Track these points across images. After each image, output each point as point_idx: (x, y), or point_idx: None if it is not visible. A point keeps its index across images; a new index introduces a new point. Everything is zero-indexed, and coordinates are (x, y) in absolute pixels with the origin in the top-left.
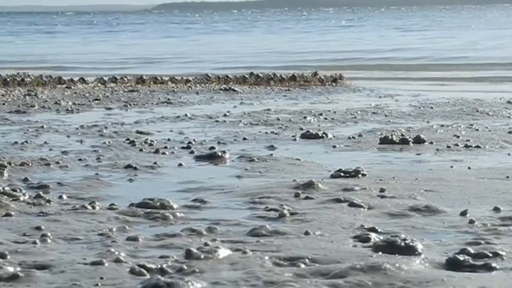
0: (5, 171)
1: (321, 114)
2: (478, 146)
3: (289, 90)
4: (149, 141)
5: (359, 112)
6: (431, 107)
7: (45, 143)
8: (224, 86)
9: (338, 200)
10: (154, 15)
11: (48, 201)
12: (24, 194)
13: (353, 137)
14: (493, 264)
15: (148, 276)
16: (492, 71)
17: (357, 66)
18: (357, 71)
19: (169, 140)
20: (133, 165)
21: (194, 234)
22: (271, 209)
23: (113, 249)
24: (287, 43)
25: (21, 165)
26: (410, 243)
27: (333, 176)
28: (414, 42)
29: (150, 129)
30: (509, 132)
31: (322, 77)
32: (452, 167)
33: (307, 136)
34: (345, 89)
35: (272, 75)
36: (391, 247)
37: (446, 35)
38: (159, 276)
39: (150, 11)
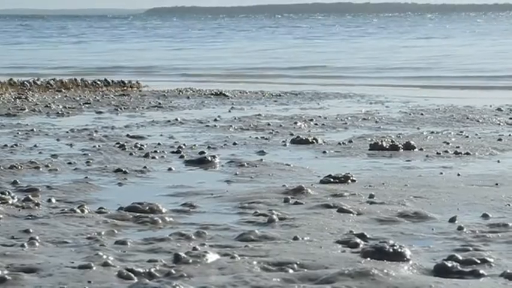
0: None
1: (312, 119)
2: (467, 153)
3: (280, 95)
4: (139, 146)
5: (349, 118)
6: (422, 114)
7: (35, 146)
8: (215, 90)
9: (327, 206)
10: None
11: (37, 204)
12: (13, 197)
13: (343, 143)
14: (481, 271)
15: (136, 280)
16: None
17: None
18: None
19: (159, 144)
20: (123, 169)
21: (183, 239)
22: (260, 214)
23: (101, 253)
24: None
25: (10, 168)
26: (399, 249)
27: (322, 182)
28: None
29: (140, 134)
30: (499, 140)
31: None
32: (441, 173)
33: (297, 141)
34: (335, 95)
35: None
36: (379, 253)
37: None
38: (147, 280)
39: (141, 16)
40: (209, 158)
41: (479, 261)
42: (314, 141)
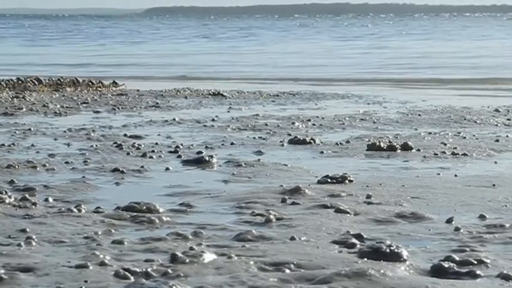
0: None
1: (309, 120)
2: (465, 154)
3: (277, 95)
4: (137, 145)
5: (347, 118)
6: (419, 115)
7: (32, 145)
8: (213, 90)
9: (324, 206)
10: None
11: (34, 203)
12: (10, 197)
13: (341, 143)
14: (478, 272)
15: (132, 280)
16: None
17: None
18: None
19: (156, 144)
20: (120, 169)
21: (180, 239)
22: (257, 214)
23: (97, 253)
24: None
25: (7, 167)
26: (396, 250)
27: (319, 182)
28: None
29: (138, 133)
30: (496, 141)
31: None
32: (439, 174)
33: (294, 142)
34: (333, 95)
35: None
36: (376, 253)
37: None
38: (144, 280)
39: (140, 15)
40: (207, 158)
41: (476, 262)
42: (312, 141)
